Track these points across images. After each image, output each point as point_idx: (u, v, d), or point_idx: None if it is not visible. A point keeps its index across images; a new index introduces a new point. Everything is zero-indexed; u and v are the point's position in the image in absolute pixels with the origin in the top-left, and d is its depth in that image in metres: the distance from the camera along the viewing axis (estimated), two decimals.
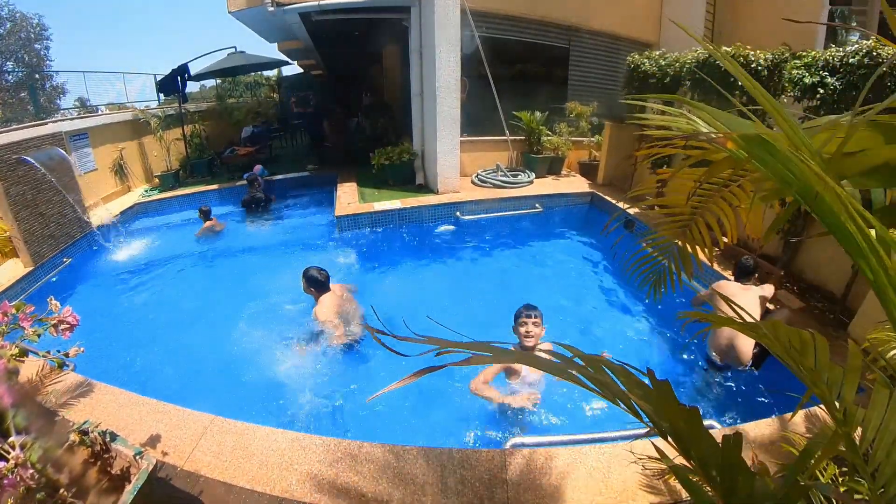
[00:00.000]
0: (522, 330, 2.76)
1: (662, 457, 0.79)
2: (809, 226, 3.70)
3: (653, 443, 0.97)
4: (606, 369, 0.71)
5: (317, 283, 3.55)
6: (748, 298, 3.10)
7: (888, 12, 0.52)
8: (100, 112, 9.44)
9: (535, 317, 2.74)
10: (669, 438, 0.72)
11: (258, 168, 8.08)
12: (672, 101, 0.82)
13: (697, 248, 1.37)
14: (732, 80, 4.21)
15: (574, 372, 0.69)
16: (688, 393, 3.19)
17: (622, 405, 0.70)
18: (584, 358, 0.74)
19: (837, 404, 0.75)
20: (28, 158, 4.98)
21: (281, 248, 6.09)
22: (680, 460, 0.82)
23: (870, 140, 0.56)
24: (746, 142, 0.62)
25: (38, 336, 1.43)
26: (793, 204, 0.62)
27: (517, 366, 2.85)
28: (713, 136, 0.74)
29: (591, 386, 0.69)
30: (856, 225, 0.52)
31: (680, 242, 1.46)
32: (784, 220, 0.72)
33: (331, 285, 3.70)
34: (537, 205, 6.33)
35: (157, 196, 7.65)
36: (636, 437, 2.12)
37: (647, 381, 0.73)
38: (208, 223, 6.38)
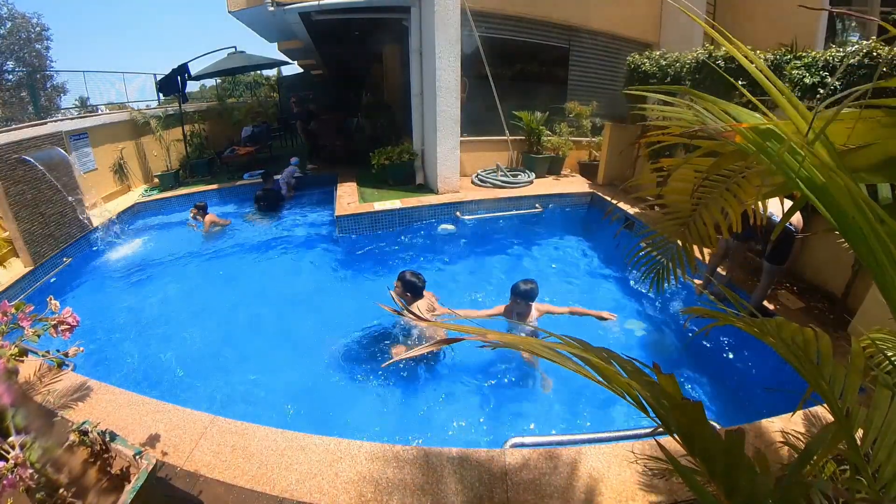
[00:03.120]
0: (515, 303, 3.44)
1: (665, 454, 0.79)
2: (813, 223, 3.70)
3: (657, 440, 0.97)
4: (614, 362, 0.71)
5: (414, 289, 3.44)
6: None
7: None
8: (100, 112, 9.45)
9: (521, 300, 3.39)
10: (674, 433, 0.72)
11: (293, 160, 8.25)
12: (676, 93, 0.81)
13: (699, 244, 1.36)
14: (732, 79, 4.20)
15: (582, 363, 0.69)
16: (688, 392, 3.19)
17: (628, 398, 0.70)
18: (592, 350, 0.73)
19: (839, 404, 0.75)
20: (28, 158, 4.98)
21: (281, 247, 6.09)
22: (682, 458, 0.82)
23: (877, 133, 0.55)
24: (756, 134, 0.61)
25: (38, 336, 1.43)
26: (800, 199, 0.62)
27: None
28: (721, 128, 0.74)
29: (598, 378, 0.69)
30: (865, 219, 0.51)
31: (680, 242, 1.46)
32: (791, 215, 0.72)
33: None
34: (537, 205, 6.33)
35: (157, 196, 7.64)
36: (636, 437, 2.12)
37: (652, 375, 0.72)
38: (209, 217, 6.32)
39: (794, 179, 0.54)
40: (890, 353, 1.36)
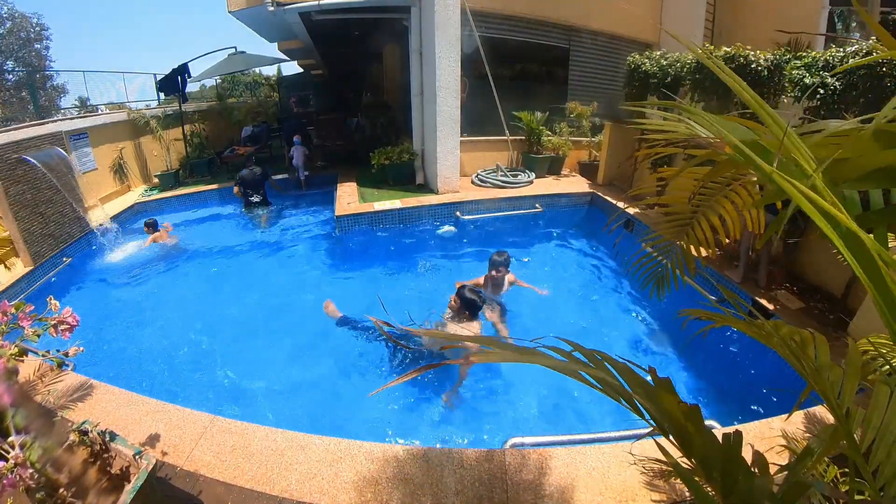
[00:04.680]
0: (493, 272, 3.98)
1: (665, 455, 0.79)
2: (809, 226, 3.70)
3: (656, 441, 0.97)
4: (609, 366, 0.71)
5: (472, 307, 3.23)
6: None
7: None
8: (100, 112, 9.45)
9: (501, 268, 3.96)
10: (671, 437, 0.72)
11: (296, 139, 8.17)
12: (670, 107, 0.82)
13: (700, 247, 1.37)
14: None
15: (577, 369, 0.69)
16: (688, 392, 3.19)
17: (624, 402, 0.70)
18: (586, 354, 0.73)
19: (838, 403, 0.75)
20: (28, 158, 4.98)
21: (280, 248, 6.09)
22: (681, 460, 0.82)
23: (866, 145, 0.56)
24: (745, 146, 0.62)
25: (38, 336, 1.43)
26: (791, 207, 0.62)
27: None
28: (711, 140, 0.75)
29: (593, 383, 0.69)
30: (850, 238, 0.52)
31: (682, 244, 1.46)
32: (782, 223, 0.72)
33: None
34: (537, 205, 6.33)
35: (156, 196, 7.65)
36: (636, 437, 2.12)
37: (648, 378, 0.72)
38: (154, 235, 5.96)
39: (786, 187, 0.55)
40: (888, 356, 1.37)
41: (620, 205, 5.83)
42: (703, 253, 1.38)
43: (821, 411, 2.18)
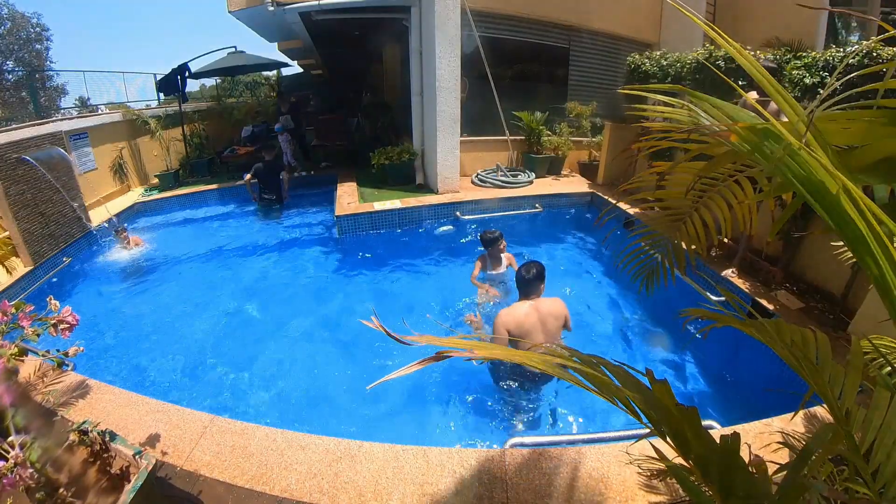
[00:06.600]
0: (490, 250, 4.10)
1: (661, 457, 0.79)
2: (810, 224, 3.70)
3: (651, 443, 0.97)
4: (605, 369, 0.71)
5: (522, 283, 2.84)
6: None
7: None
8: (100, 111, 9.44)
9: (495, 243, 4.07)
10: (668, 439, 0.72)
11: (278, 126, 8.36)
12: (674, 92, 0.81)
13: (691, 244, 1.36)
14: (733, 79, 4.21)
15: (573, 371, 0.69)
16: (687, 392, 3.19)
17: (621, 405, 0.70)
18: (582, 358, 0.73)
19: (838, 403, 0.75)
20: (28, 158, 4.98)
21: (281, 248, 6.09)
22: (679, 460, 0.82)
23: (873, 133, 0.55)
24: (752, 133, 0.61)
25: (38, 336, 1.43)
26: (796, 201, 0.62)
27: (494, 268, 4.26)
28: (716, 128, 0.74)
29: (589, 386, 0.69)
30: (864, 219, 0.51)
31: (675, 240, 1.46)
32: (787, 217, 0.72)
33: (541, 299, 2.89)
34: (537, 205, 6.33)
35: (156, 196, 7.64)
36: (636, 437, 2.12)
37: (645, 380, 0.72)
38: (134, 238, 5.79)
39: (791, 180, 0.54)
40: (889, 357, 1.36)
41: (615, 202, 5.82)
42: (695, 248, 1.37)
43: (821, 411, 2.18)
